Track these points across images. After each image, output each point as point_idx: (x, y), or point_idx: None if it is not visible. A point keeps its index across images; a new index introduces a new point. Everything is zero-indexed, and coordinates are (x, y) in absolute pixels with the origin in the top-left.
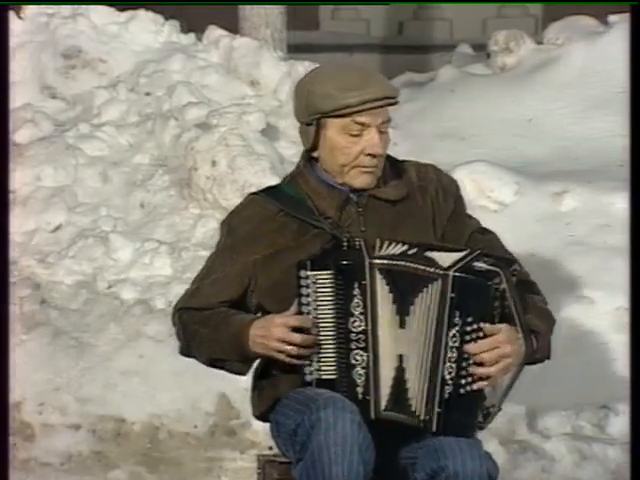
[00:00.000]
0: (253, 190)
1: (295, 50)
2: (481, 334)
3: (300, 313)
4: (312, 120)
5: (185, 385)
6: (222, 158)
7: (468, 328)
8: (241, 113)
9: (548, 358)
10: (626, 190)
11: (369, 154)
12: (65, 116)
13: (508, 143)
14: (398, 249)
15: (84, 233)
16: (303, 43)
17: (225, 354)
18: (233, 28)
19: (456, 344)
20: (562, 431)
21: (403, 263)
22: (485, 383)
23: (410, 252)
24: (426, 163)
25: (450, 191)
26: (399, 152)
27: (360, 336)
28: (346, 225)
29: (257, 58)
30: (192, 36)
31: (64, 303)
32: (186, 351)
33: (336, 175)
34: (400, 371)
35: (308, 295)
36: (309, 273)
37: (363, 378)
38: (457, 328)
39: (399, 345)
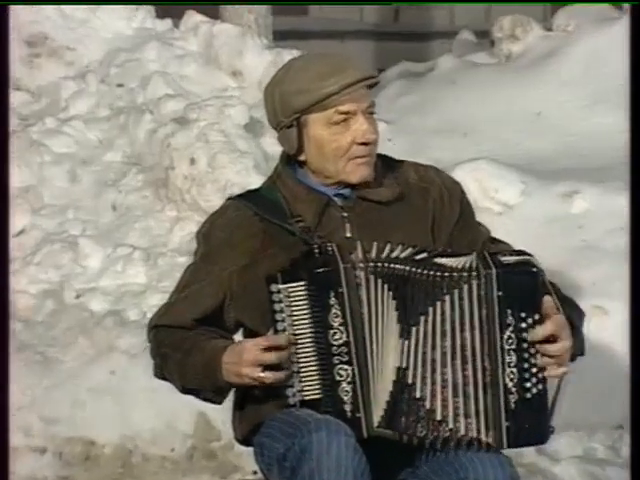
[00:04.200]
0: (235, 190)
1: (281, 37)
2: (538, 328)
3: (276, 331)
4: (291, 121)
5: (161, 404)
6: (201, 156)
7: (524, 324)
8: (222, 106)
9: (582, 354)
10: None
11: (362, 143)
12: (29, 109)
13: (514, 139)
14: (397, 253)
15: (50, 238)
16: (290, 30)
17: (197, 383)
18: (213, 13)
19: (513, 346)
20: (573, 454)
21: (406, 267)
22: (558, 372)
23: (418, 257)
24: (426, 164)
25: (455, 195)
26: (394, 150)
27: (342, 349)
28: (328, 231)
29: (240, 46)
30: (168, 22)
31: (28, 314)
32: (160, 374)
33: (330, 175)
34: (402, 385)
35: (282, 311)
36: (280, 287)
37: (350, 394)
38: (511, 328)
39: (399, 356)
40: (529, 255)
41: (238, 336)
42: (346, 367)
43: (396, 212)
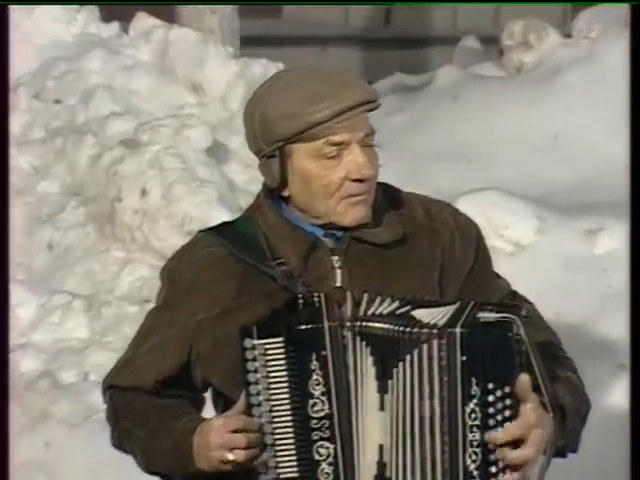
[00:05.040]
0: (195, 227)
1: (250, 44)
2: (508, 402)
3: (248, 395)
4: (273, 151)
5: None
6: (155, 185)
7: (490, 398)
8: (179, 127)
9: (574, 451)
10: None
11: (356, 179)
12: None
13: (527, 166)
14: (385, 307)
15: None
16: (261, 35)
17: (165, 468)
18: (169, 16)
19: (477, 422)
20: None
21: (385, 326)
22: (518, 476)
23: (399, 311)
24: (439, 200)
25: (469, 239)
26: (384, 177)
27: (323, 423)
28: (314, 278)
29: (200, 55)
30: (115, 26)
31: None
32: (118, 445)
33: (319, 215)
34: (382, 467)
35: (256, 371)
36: (255, 342)
37: (332, 477)
38: (475, 400)
39: (382, 433)
40: (517, 312)
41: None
42: (327, 445)
43: (397, 258)
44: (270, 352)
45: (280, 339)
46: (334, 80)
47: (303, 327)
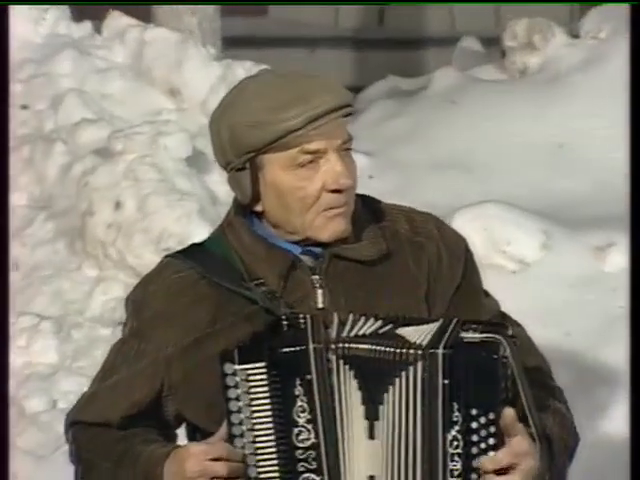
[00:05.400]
0: (173, 243)
1: (233, 45)
2: (492, 430)
3: (229, 423)
4: (243, 163)
5: None
6: (129, 198)
7: (474, 424)
8: (156, 134)
9: None
10: None
11: (334, 190)
12: None
13: (531, 176)
14: (369, 327)
15: None
16: (245, 35)
17: None
18: (145, 15)
19: (459, 450)
20: None
21: (369, 347)
22: None
23: (382, 330)
24: (423, 212)
25: (457, 253)
26: (377, 190)
27: (309, 453)
28: (294, 300)
29: (179, 57)
30: (87, 26)
31: None
32: None
33: (295, 231)
34: None
35: (237, 398)
36: (236, 367)
37: None
38: (457, 427)
39: (369, 463)
40: (503, 332)
41: (181, 433)
42: (314, 477)
43: (381, 275)
44: (252, 378)
45: (262, 364)
46: (307, 84)
47: (286, 350)
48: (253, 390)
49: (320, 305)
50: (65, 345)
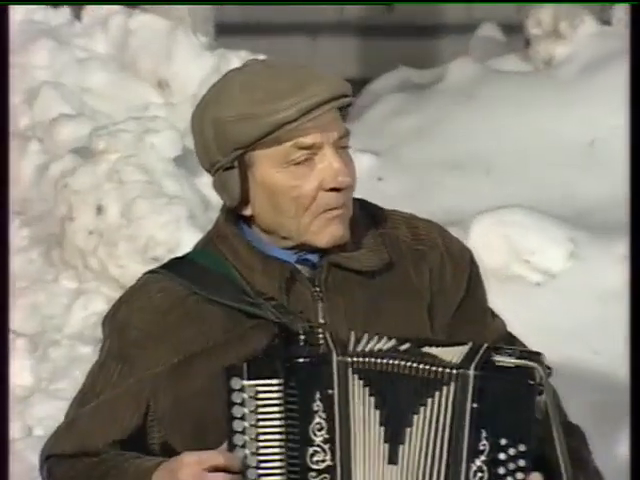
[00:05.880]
0: (161, 252)
1: (227, 33)
2: (522, 463)
3: (231, 445)
4: (231, 161)
5: None
6: (113, 202)
7: (501, 456)
8: (142, 132)
9: None
10: None
11: (332, 189)
12: None
13: (558, 179)
14: (384, 344)
15: None
16: (240, 23)
17: None
18: None
19: None
20: None
21: (394, 362)
22: None
23: (402, 347)
24: (426, 219)
25: (461, 264)
26: (386, 194)
27: (324, 477)
28: (298, 313)
29: (167, 46)
30: (66, 12)
31: None
32: None
33: (289, 236)
34: None
35: (243, 417)
36: (245, 383)
37: None
38: (483, 457)
39: None
40: (538, 361)
41: None
42: None
43: (382, 286)
44: (262, 395)
45: (277, 380)
46: (299, 74)
47: (307, 360)
48: (262, 410)
49: (321, 319)
50: (41, 365)
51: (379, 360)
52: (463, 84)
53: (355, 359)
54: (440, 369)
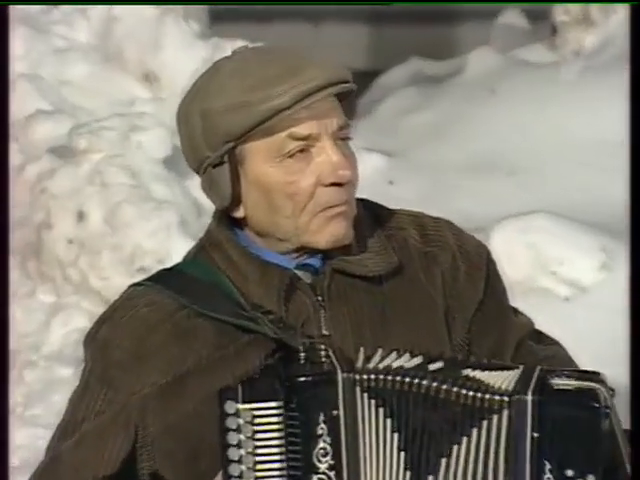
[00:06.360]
0: (149, 262)
1: (222, 20)
2: None
3: (228, 477)
4: (220, 156)
5: None
6: (95, 207)
7: None
8: (128, 130)
9: None
10: None
11: (331, 183)
12: None
13: (587, 181)
14: (405, 360)
15: None
16: (236, 8)
17: None
18: None
19: None
20: None
21: (421, 382)
22: None
23: (432, 367)
24: (435, 217)
25: (477, 264)
26: (398, 198)
27: None
28: (299, 326)
29: (156, 35)
30: None
31: None
32: None
33: (286, 238)
34: None
35: (239, 445)
36: (240, 407)
37: None
38: None
39: None
40: (600, 381)
41: None
42: None
43: (391, 293)
44: (260, 419)
45: (276, 402)
46: (293, 59)
47: (308, 379)
48: (261, 434)
49: (324, 331)
50: (16, 388)
51: (398, 378)
52: (483, 77)
53: (365, 376)
54: (488, 396)
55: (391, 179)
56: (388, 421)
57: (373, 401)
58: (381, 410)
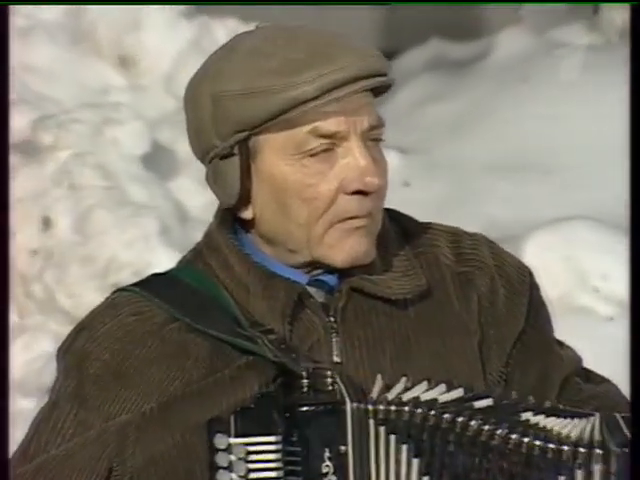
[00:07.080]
0: (125, 276)
1: None
2: None
3: None
4: (230, 146)
5: None
6: (63, 213)
7: None
8: (101, 123)
9: None
10: None
11: (356, 191)
12: None
13: None
14: (440, 393)
15: None
16: None
17: None
18: None
19: None
20: None
21: (474, 424)
22: None
23: (478, 404)
24: (472, 233)
25: (519, 289)
26: (415, 202)
27: None
28: (306, 349)
29: (133, 14)
30: None
31: None
32: None
33: (297, 249)
34: None
35: None
36: (232, 441)
37: None
38: None
39: None
40: None
41: None
42: None
43: (419, 319)
44: (255, 456)
45: (272, 437)
46: (325, 41)
47: (312, 409)
48: (255, 475)
49: (335, 357)
50: None
51: (432, 413)
52: (514, 62)
53: (382, 407)
54: (567, 447)
55: (407, 180)
56: (415, 461)
57: (393, 437)
58: (404, 447)
